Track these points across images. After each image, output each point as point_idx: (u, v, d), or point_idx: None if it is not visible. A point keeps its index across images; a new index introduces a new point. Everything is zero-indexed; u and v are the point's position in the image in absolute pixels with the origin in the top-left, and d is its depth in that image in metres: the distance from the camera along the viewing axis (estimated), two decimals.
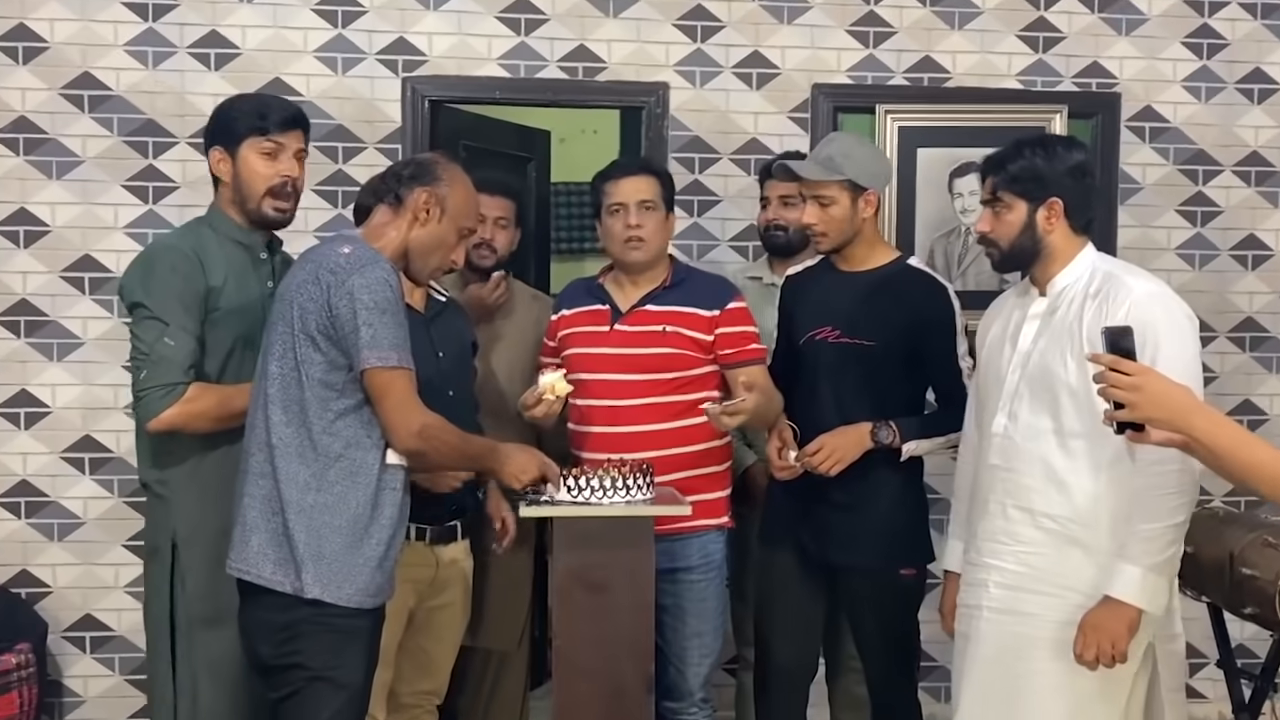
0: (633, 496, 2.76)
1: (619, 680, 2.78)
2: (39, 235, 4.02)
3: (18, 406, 4.02)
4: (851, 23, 4.25)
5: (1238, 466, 2.06)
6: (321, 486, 2.47)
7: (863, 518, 3.03)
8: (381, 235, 2.61)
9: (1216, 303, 4.33)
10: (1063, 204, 2.60)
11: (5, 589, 3.95)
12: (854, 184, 3.01)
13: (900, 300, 3.02)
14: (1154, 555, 2.43)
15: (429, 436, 2.48)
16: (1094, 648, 2.44)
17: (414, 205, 2.61)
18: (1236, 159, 4.41)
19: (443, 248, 2.67)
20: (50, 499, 4.04)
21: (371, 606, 2.54)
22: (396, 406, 2.45)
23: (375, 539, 2.51)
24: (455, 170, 2.72)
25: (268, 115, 2.81)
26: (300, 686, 2.48)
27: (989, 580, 2.64)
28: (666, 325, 3.11)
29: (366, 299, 2.42)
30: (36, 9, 3.98)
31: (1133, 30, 4.34)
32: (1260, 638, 3.79)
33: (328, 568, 2.46)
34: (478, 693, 3.49)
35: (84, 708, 4.07)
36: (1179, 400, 2.07)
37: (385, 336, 2.43)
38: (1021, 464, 2.60)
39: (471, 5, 4.13)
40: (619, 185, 3.14)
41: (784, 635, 3.19)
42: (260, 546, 2.48)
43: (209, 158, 2.84)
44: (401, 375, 2.46)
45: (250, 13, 4.05)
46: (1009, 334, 2.69)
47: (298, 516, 2.46)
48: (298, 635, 2.48)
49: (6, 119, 3.99)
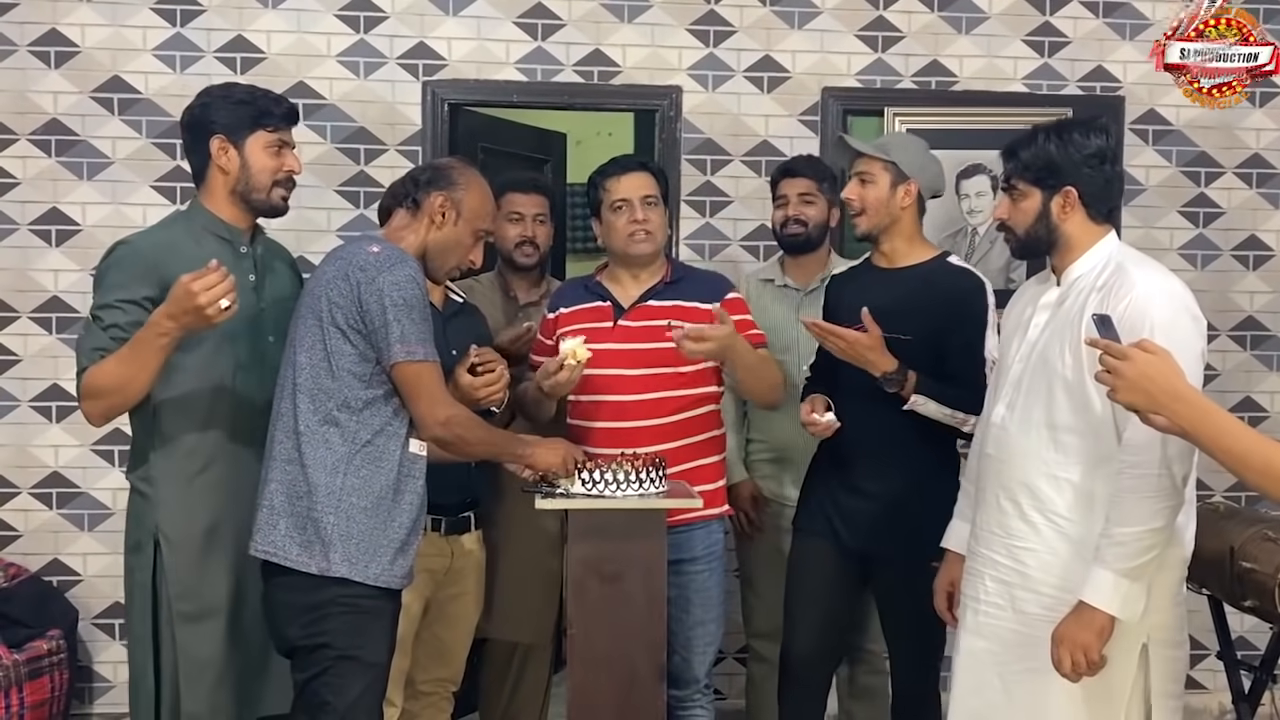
0: (645, 489, 2.77)
1: (632, 668, 2.78)
2: (70, 234, 4.02)
3: (49, 400, 4.03)
4: (860, 28, 4.23)
5: (1223, 454, 1.97)
6: (349, 470, 2.50)
7: (895, 509, 3.00)
8: (401, 238, 2.66)
9: (1218, 302, 4.29)
10: (1078, 192, 2.49)
11: (37, 577, 3.96)
12: (897, 169, 3.02)
13: (936, 294, 3.00)
14: (1127, 560, 2.28)
15: (454, 425, 2.54)
16: (1067, 659, 2.33)
17: (430, 209, 2.67)
18: (1238, 161, 4.39)
19: (459, 249, 2.72)
20: (81, 490, 4.05)
21: (396, 587, 2.58)
22: (424, 398, 2.51)
23: (398, 522, 2.55)
24: (471, 174, 2.74)
25: (273, 110, 2.75)
26: (328, 665, 2.50)
27: (985, 574, 2.58)
28: (671, 320, 3.06)
29: (395, 296, 2.47)
30: (68, 15, 3.99)
31: (1136, 35, 4.31)
32: (1260, 630, 3.77)
33: (355, 547, 2.49)
34: (503, 681, 3.50)
35: (113, 693, 4.07)
36: (1162, 386, 1.98)
37: (413, 332, 2.48)
38: (1014, 456, 2.52)
39: (490, 10, 4.13)
40: (621, 182, 3.13)
41: (808, 623, 3.17)
42: (287, 530, 2.50)
43: (208, 146, 2.70)
44: (429, 368, 2.52)
45: (275, 18, 4.05)
46: (1022, 322, 2.61)
47: (326, 499, 2.49)
48: (325, 616, 2.49)
49: (39, 121, 4.00)
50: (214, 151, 2.70)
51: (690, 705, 3.15)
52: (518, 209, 3.51)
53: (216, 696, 2.67)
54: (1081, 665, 2.32)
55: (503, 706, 3.51)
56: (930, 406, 2.94)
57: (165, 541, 2.63)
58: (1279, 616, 2.99)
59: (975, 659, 2.59)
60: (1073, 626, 2.33)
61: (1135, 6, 4.30)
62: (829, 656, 3.25)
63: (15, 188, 3.98)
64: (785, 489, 3.58)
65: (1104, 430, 2.35)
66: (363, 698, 2.52)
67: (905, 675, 3.13)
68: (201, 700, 2.64)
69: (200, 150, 2.73)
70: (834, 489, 3.11)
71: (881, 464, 3.00)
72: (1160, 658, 2.41)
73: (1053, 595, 2.43)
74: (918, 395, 2.93)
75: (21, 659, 3.59)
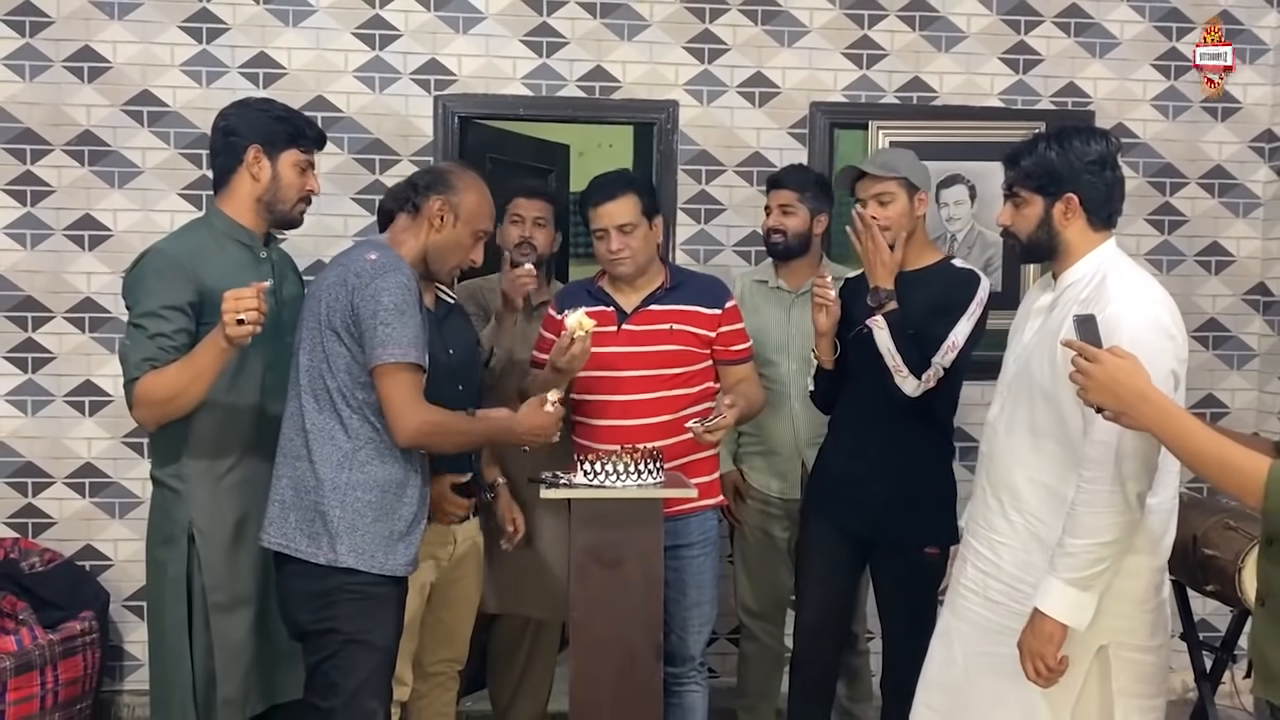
0: (644, 480, 2.79)
1: (631, 648, 2.81)
2: (102, 239, 4.06)
3: (83, 396, 4.07)
4: (847, 46, 4.26)
5: (1183, 453, 2.03)
6: (353, 465, 2.51)
7: (892, 496, 3.04)
8: (402, 242, 2.67)
9: (1182, 305, 4.10)
10: (1079, 199, 2.42)
11: (71, 562, 3.99)
12: (908, 183, 3.07)
13: (935, 292, 3.03)
14: (1076, 571, 2.27)
15: (427, 433, 2.54)
16: (1029, 666, 2.35)
17: (429, 213, 2.67)
18: (1201, 172, 4.41)
19: (459, 249, 2.72)
20: (112, 479, 4.09)
21: (401, 574, 2.59)
22: (396, 404, 2.49)
23: (401, 514, 2.57)
24: (469, 177, 2.74)
25: (307, 132, 2.78)
26: (337, 649, 2.51)
27: (969, 560, 2.61)
28: (673, 324, 3.11)
29: (387, 300, 2.47)
30: (100, 32, 4.02)
31: (1106, 53, 4.34)
32: (1221, 613, 3.81)
33: (361, 538, 2.51)
34: (512, 660, 3.50)
35: (141, 671, 4.07)
36: (1128, 388, 2.02)
37: (403, 335, 2.47)
38: (1000, 455, 2.53)
39: (498, 29, 4.15)
40: (599, 212, 3.11)
41: (815, 601, 3.23)
42: (297, 523, 2.52)
43: (242, 153, 2.69)
44: (407, 372, 2.49)
45: (296, 36, 4.08)
46: (1020, 326, 2.60)
47: (332, 494, 2.50)
48: (333, 602, 2.51)
49: (73, 133, 4.03)
50: (248, 159, 2.70)
51: (686, 681, 3.19)
52: (520, 212, 3.53)
53: (248, 681, 2.68)
54: (1043, 671, 2.33)
55: (512, 685, 3.53)
56: (882, 335, 2.96)
57: (200, 535, 2.62)
58: (1239, 600, 3.01)
59: (947, 636, 2.64)
60: (1029, 636, 2.35)
61: (1105, 26, 4.33)
62: (836, 633, 3.28)
63: (51, 195, 4.01)
64: (773, 481, 3.64)
65: (1078, 440, 2.33)
66: (370, 679, 2.53)
67: (895, 657, 3.13)
68: (236, 685, 2.65)
69: (231, 155, 2.71)
70: (837, 476, 3.16)
71: (881, 453, 3.04)
72: (1125, 660, 2.40)
73: (1021, 590, 2.46)
74: (880, 318, 2.97)
75: (56, 639, 3.61)
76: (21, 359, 4.04)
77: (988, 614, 2.54)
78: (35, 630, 3.61)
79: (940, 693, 2.65)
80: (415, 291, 2.53)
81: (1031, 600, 2.37)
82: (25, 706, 3.51)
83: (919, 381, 2.96)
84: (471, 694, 3.67)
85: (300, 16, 4.08)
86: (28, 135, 4.01)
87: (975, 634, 2.57)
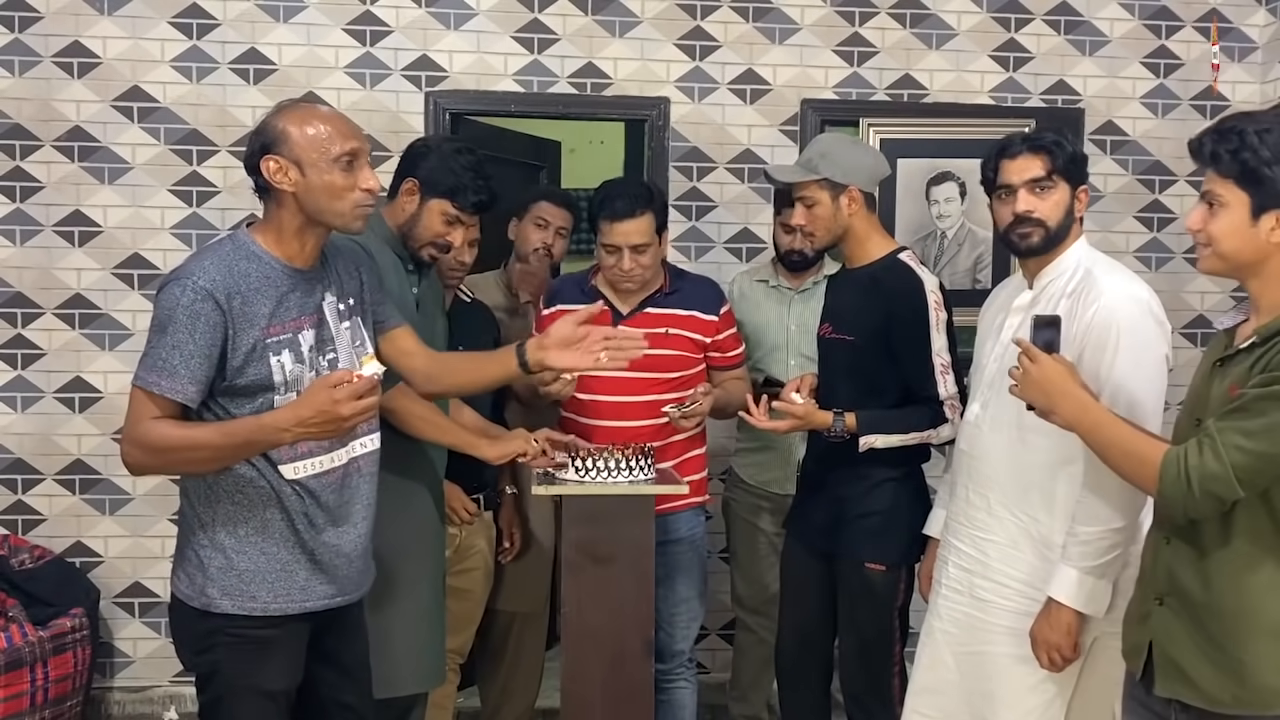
0: (635, 477, 2.76)
1: (622, 643, 2.79)
2: (92, 235, 4.04)
3: (72, 392, 4.05)
4: (837, 43, 4.25)
5: (1095, 446, 2.10)
6: (216, 500, 2.23)
7: (841, 509, 2.92)
8: (267, 229, 2.25)
9: (1171, 301, 4.27)
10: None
11: (61, 558, 3.98)
12: (831, 182, 2.86)
13: (877, 294, 2.86)
14: (1091, 559, 2.29)
15: (135, 461, 2.18)
16: (1044, 657, 2.35)
17: (271, 180, 2.19)
18: (1190, 170, 4.38)
19: (331, 191, 2.19)
20: (102, 476, 4.07)
21: (289, 614, 2.27)
22: (126, 424, 2.18)
23: (276, 552, 2.25)
24: (289, 114, 2.22)
25: (468, 194, 2.69)
26: (221, 693, 2.26)
27: (949, 559, 2.60)
28: (669, 328, 3.08)
29: (154, 315, 2.17)
30: (90, 28, 4.00)
31: (1095, 51, 4.34)
32: None
33: (235, 579, 2.23)
34: (500, 655, 3.51)
35: (132, 668, 4.10)
36: (1055, 387, 2.12)
37: (151, 353, 2.15)
38: (985, 453, 2.51)
39: (489, 25, 4.14)
40: (615, 229, 2.99)
41: (791, 623, 3.13)
42: (179, 561, 2.30)
43: (401, 184, 2.72)
44: (137, 395, 2.15)
45: (286, 31, 4.06)
46: (996, 325, 2.59)
47: (200, 531, 2.24)
48: (213, 646, 2.26)
49: (63, 128, 4.00)
50: (401, 190, 2.73)
51: (674, 677, 3.18)
52: (546, 217, 3.50)
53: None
54: (1058, 661, 2.34)
55: (501, 680, 3.52)
56: (880, 440, 2.82)
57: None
58: None
59: (933, 638, 2.62)
60: (1044, 626, 2.34)
61: (1094, 25, 4.32)
62: (817, 652, 3.10)
63: (40, 191, 3.99)
64: (765, 474, 3.64)
65: (1068, 434, 2.29)
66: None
67: (846, 669, 3.00)
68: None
69: (399, 176, 2.76)
70: (806, 495, 3.12)
71: (844, 468, 2.90)
72: (1114, 649, 2.30)
73: (1010, 586, 2.45)
74: (865, 436, 2.82)
75: (46, 636, 3.60)
76: (11, 355, 4.01)
77: (974, 611, 2.53)
78: (25, 627, 3.59)
79: (931, 696, 2.62)
80: (192, 305, 2.11)
81: (1021, 595, 2.39)
82: (15, 704, 3.49)
83: (947, 421, 2.80)
84: (462, 689, 3.66)
85: (291, 12, 4.05)
86: (17, 131, 3.98)
87: (963, 634, 2.55)
